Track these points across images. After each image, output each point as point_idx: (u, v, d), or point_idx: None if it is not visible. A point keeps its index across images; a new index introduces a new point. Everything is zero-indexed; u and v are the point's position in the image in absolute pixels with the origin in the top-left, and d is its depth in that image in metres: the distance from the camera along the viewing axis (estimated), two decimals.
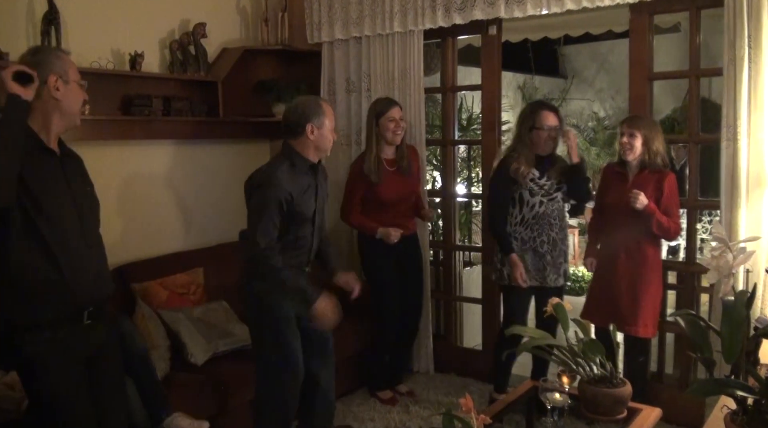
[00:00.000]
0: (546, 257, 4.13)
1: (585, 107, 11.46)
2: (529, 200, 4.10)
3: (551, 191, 4.13)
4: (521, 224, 4.15)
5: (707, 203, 4.44)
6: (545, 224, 4.13)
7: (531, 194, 4.10)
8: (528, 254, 4.13)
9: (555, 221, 4.14)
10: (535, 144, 4.08)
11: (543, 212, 4.12)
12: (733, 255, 2.44)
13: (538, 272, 4.14)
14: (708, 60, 4.32)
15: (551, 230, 4.13)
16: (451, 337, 5.22)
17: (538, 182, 4.11)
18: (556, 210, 4.16)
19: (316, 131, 3.39)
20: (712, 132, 3.94)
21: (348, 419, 4.30)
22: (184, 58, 4.62)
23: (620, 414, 3.01)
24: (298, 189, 3.36)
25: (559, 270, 4.15)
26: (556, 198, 4.15)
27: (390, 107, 4.34)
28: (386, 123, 4.31)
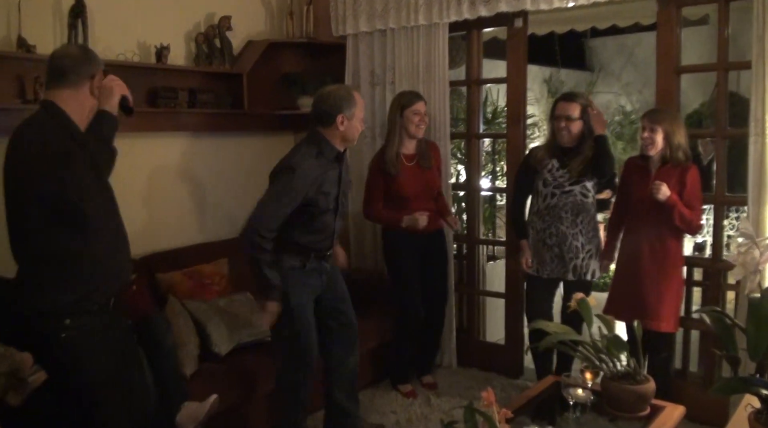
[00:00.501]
0: (553, 250, 4.13)
1: (611, 100, 11.35)
2: (541, 190, 4.16)
3: (564, 183, 4.11)
4: (537, 213, 4.22)
5: (734, 199, 4.37)
6: (555, 216, 4.12)
7: (544, 184, 4.14)
8: (539, 243, 4.19)
9: (566, 215, 4.11)
10: (555, 134, 4.14)
11: (554, 204, 4.11)
12: (760, 251, 2.41)
13: (544, 264, 4.18)
14: (737, 53, 4.26)
15: (561, 223, 4.11)
16: (474, 331, 5.21)
17: (554, 174, 4.12)
18: (570, 204, 4.11)
19: (347, 122, 3.44)
20: (740, 127, 3.89)
21: (370, 411, 4.31)
22: (209, 51, 4.64)
23: (643, 411, 3.00)
24: (323, 177, 3.43)
25: (567, 266, 4.12)
26: (571, 192, 4.11)
27: (415, 100, 4.33)
28: (411, 116, 4.31)
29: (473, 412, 2.26)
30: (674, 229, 3.83)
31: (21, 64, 3.66)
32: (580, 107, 4.07)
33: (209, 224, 4.86)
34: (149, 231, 4.40)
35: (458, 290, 5.11)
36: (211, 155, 4.87)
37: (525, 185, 4.28)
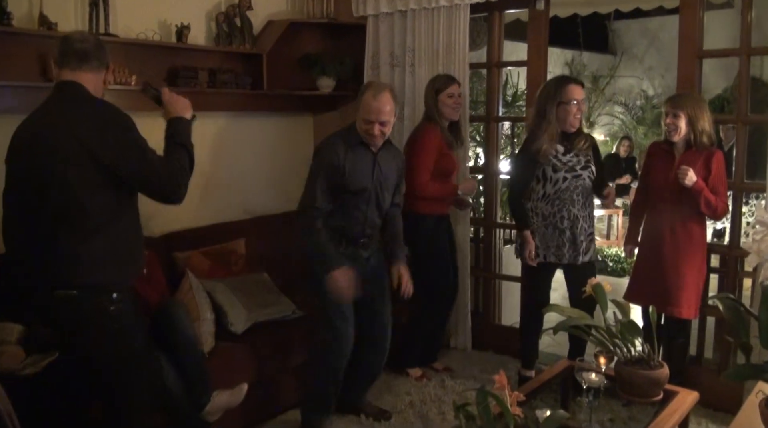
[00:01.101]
0: (566, 234, 4.08)
1: (634, 84, 11.29)
2: (552, 175, 4.04)
3: (576, 167, 4.07)
4: (542, 199, 4.10)
5: (754, 185, 4.34)
6: (567, 199, 4.06)
7: (554, 169, 4.04)
8: (548, 229, 4.10)
9: (578, 198, 4.08)
10: (561, 120, 4.00)
11: (566, 188, 4.05)
12: None
13: (557, 249, 4.10)
14: (762, 37, 4.22)
15: (573, 206, 4.07)
16: (489, 315, 5.23)
17: (561, 159, 4.05)
18: (580, 187, 4.08)
19: (357, 115, 3.59)
20: (764, 113, 3.86)
21: (384, 392, 4.34)
22: (229, 31, 4.64)
23: (656, 397, 3.00)
24: (351, 161, 3.55)
25: (578, 248, 4.09)
26: (581, 175, 4.07)
27: (449, 83, 4.33)
28: (445, 99, 4.30)
29: (486, 395, 2.27)
30: (697, 214, 3.81)
31: (43, 42, 3.67)
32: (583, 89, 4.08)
33: (227, 204, 4.88)
34: (167, 210, 4.38)
35: (474, 274, 5.12)
36: (230, 135, 4.89)
37: (529, 175, 4.14)
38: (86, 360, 2.77)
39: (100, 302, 2.69)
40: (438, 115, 4.32)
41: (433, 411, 4.12)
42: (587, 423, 2.89)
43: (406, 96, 4.91)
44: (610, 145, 10.50)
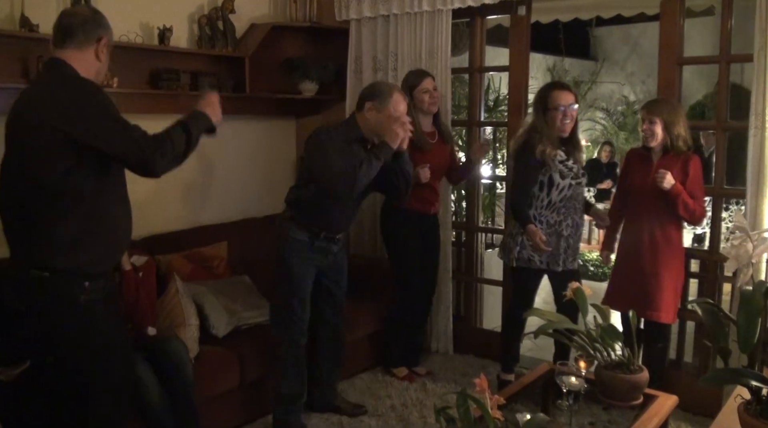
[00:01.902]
0: (569, 240, 4.07)
1: (615, 90, 11.37)
2: (560, 182, 3.97)
3: (579, 174, 4.07)
4: (548, 207, 4.03)
5: (733, 191, 4.39)
6: (571, 207, 4.05)
7: (562, 176, 3.98)
8: (552, 237, 4.03)
9: (579, 205, 4.10)
10: (551, 125, 3.95)
11: (571, 195, 4.03)
12: (754, 245, 2.42)
13: (553, 256, 4.04)
14: (742, 44, 4.25)
15: (575, 213, 4.08)
16: (471, 318, 5.24)
17: (567, 164, 4.01)
18: (580, 194, 4.11)
19: (374, 113, 3.60)
20: (742, 119, 3.89)
21: (365, 396, 4.34)
22: (212, 34, 4.64)
23: (636, 400, 3.01)
24: (344, 155, 3.54)
25: (575, 254, 4.13)
26: (582, 183, 4.10)
27: (422, 78, 4.34)
28: (420, 95, 4.31)
29: (466, 398, 2.28)
30: (675, 219, 3.84)
31: (24, 44, 3.67)
32: (574, 94, 4.07)
33: (209, 207, 4.88)
34: (149, 213, 4.41)
35: (456, 278, 5.13)
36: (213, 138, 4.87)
37: (532, 181, 4.01)
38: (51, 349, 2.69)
39: (71, 289, 2.60)
40: (414, 111, 4.28)
41: (414, 414, 4.12)
42: (567, 426, 2.91)
43: None
44: (592, 150, 10.57)
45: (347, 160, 3.49)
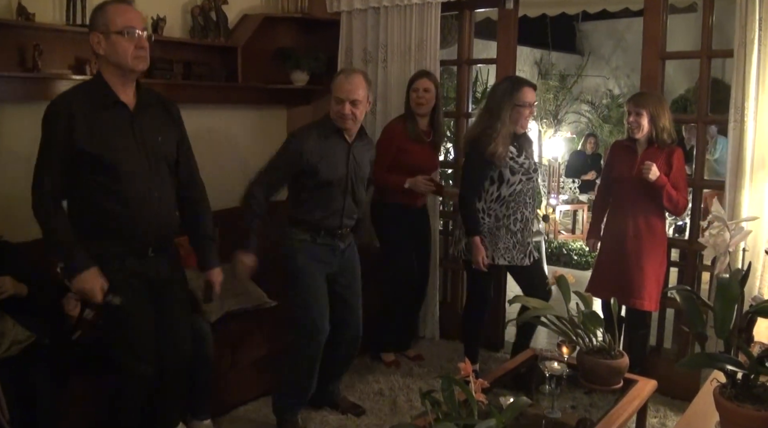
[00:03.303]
0: (517, 235, 4.07)
1: (600, 84, 11.46)
2: (509, 178, 4.00)
3: (530, 170, 4.07)
4: (497, 201, 4.05)
5: (713, 183, 4.50)
6: (521, 202, 4.06)
7: (512, 172, 4.00)
8: (500, 231, 4.06)
9: (529, 200, 4.11)
10: (514, 122, 3.97)
11: (520, 191, 4.04)
12: (731, 234, 2.51)
13: (506, 251, 4.07)
14: (723, 40, 4.35)
15: (525, 208, 4.08)
16: (456, 305, 5.32)
17: (517, 160, 4.02)
18: (531, 189, 4.12)
19: (332, 101, 3.58)
20: (724, 113, 3.99)
21: (354, 380, 4.42)
22: (205, 24, 4.69)
23: (617, 385, 3.10)
24: (321, 150, 3.54)
25: (526, 250, 4.10)
26: (532, 178, 4.11)
27: (418, 77, 4.41)
28: (411, 92, 4.41)
29: (451, 382, 2.34)
30: (658, 209, 3.94)
31: (21, 33, 3.71)
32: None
33: None
34: None
35: (442, 266, 5.22)
36: (205, 128, 4.93)
37: (481, 180, 4.04)
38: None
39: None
40: (407, 108, 4.42)
41: (401, 398, 4.21)
42: (550, 409, 2.99)
43: (379, 91, 4.99)
44: (577, 142, 10.66)
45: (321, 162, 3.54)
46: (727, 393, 2.16)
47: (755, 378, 2.11)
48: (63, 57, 3.96)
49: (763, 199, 3.78)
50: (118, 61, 2.80)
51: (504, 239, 4.07)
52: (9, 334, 2.98)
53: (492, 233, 4.08)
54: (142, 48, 2.82)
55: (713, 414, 2.19)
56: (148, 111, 2.98)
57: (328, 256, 3.68)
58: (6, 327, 2.99)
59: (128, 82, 2.89)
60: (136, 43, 2.80)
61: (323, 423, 3.92)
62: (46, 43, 3.79)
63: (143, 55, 2.84)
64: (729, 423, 2.06)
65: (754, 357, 2.11)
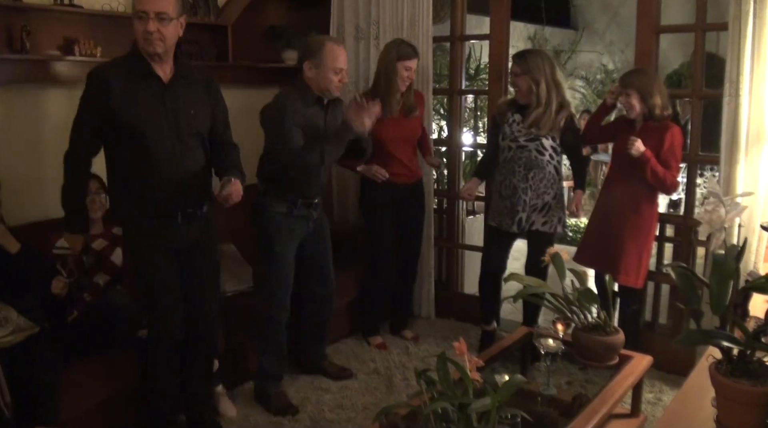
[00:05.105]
0: (506, 202, 4.24)
1: (594, 59, 11.41)
2: (500, 143, 4.27)
3: (520, 138, 4.18)
4: (498, 166, 4.32)
5: (707, 158, 4.48)
6: (509, 170, 4.22)
7: (503, 137, 4.26)
8: (495, 195, 4.35)
9: (519, 169, 4.19)
10: (514, 90, 4.27)
11: (510, 158, 4.22)
12: (726, 210, 2.50)
13: (497, 214, 4.31)
14: (718, 13, 4.32)
15: (513, 176, 4.20)
16: (452, 283, 5.34)
17: (513, 128, 4.22)
18: (524, 158, 4.18)
19: (314, 70, 3.59)
20: (718, 88, 3.97)
21: (350, 359, 4.44)
22: (194, 2, 4.64)
23: (612, 361, 3.10)
24: (303, 121, 3.59)
25: (513, 217, 4.22)
26: (526, 147, 4.17)
27: (412, 56, 4.31)
28: (402, 71, 4.27)
29: (446, 361, 2.34)
30: (649, 186, 3.92)
31: (8, 14, 3.67)
32: (525, 65, 4.11)
33: None
34: None
35: (437, 244, 5.21)
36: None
37: (493, 139, 4.39)
38: None
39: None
40: (387, 81, 4.30)
41: (397, 376, 4.23)
42: (545, 386, 3.00)
43: (371, 68, 4.94)
44: None
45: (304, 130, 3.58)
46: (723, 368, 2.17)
47: (751, 354, 2.11)
48: (51, 37, 3.91)
49: (758, 173, 3.76)
50: (136, 40, 2.99)
51: (497, 203, 4.31)
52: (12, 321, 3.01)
53: (493, 196, 4.40)
54: (148, 32, 2.92)
55: (709, 390, 2.19)
56: (183, 84, 3.11)
57: (302, 226, 3.80)
58: (10, 314, 3.03)
59: (155, 59, 3.02)
60: (144, 26, 2.92)
61: (319, 402, 3.94)
62: (34, 24, 3.76)
63: (149, 38, 2.94)
64: (725, 399, 2.06)
65: (750, 333, 2.11)
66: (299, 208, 3.73)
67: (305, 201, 3.75)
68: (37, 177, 3.96)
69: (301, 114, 3.59)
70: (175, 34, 3.00)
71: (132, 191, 3.11)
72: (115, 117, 2.96)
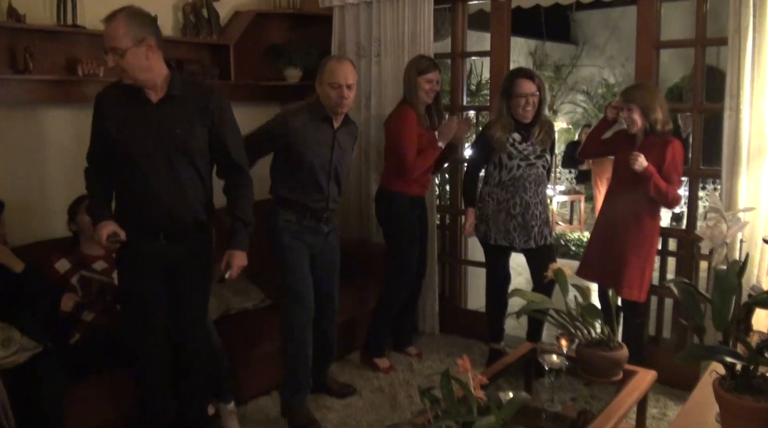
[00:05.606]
0: (517, 219, 4.25)
1: (595, 73, 11.43)
2: (507, 163, 4.23)
3: (530, 156, 4.24)
4: (498, 185, 4.29)
5: (709, 171, 4.49)
6: (520, 187, 4.25)
7: (509, 157, 4.23)
8: (501, 214, 4.28)
9: (530, 185, 4.26)
10: (514, 111, 4.20)
11: (519, 176, 4.24)
12: (727, 225, 2.50)
13: (507, 233, 4.29)
14: (718, 28, 4.34)
15: (525, 193, 4.25)
16: (456, 299, 5.33)
17: (518, 147, 4.22)
18: (533, 175, 4.26)
19: (319, 88, 3.73)
20: (718, 101, 3.98)
21: (354, 377, 4.43)
22: (196, 21, 4.67)
23: (616, 376, 3.10)
24: (307, 133, 3.68)
25: (529, 233, 4.26)
26: (535, 164, 4.26)
27: (431, 68, 4.37)
28: (423, 83, 4.33)
29: (449, 379, 2.33)
30: (650, 199, 3.92)
31: (11, 34, 3.70)
32: (537, 82, 4.21)
33: None
34: None
35: (441, 260, 5.21)
36: None
37: (480, 161, 4.40)
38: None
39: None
40: (415, 96, 4.35)
41: (401, 394, 4.22)
42: (550, 402, 2.99)
43: (372, 86, 4.98)
44: (573, 132, 10.66)
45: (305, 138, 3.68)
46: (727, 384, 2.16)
47: (754, 369, 2.11)
48: (55, 58, 3.94)
49: (759, 187, 3.77)
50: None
51: (505, 222, 4.27)
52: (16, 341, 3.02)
53: (494, 216, 4.31)
54: (110, 66, 3.03)
55: (713, 406, 2.18)
56: (173, 103, 3.08)
57: (311, 237, 3.80)
58: (14, 335, 3.04)
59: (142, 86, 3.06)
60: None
61: (323, 420, 3.91)
62: (37, 44, 3.79)
63: (115, 70, 3.04)
64: (729, 415, 2.06)
65: (753, 348, 2.11)
66: (308, 220, 3.77)
67: (313, 214, 3.78)
68: (40, 197, 3.98)
69: (302, 130, 3.67)
70: (136, 63, 2.94)
71: (120, 209, 3.16)
72: (108, 136, 3.04)
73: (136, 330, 3.22)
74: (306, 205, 3.74)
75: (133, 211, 3.12)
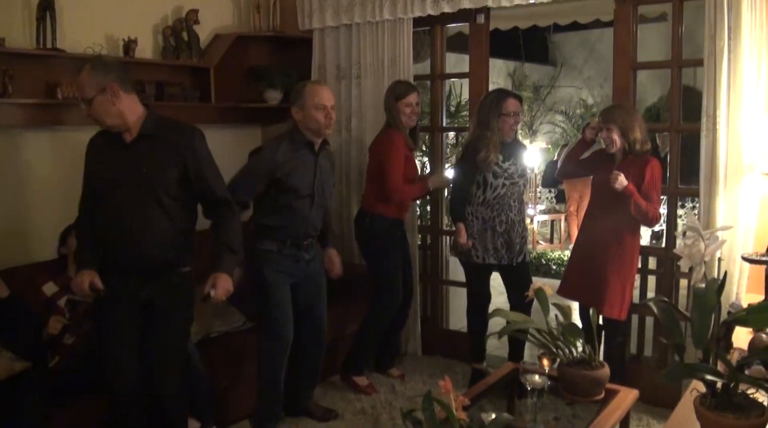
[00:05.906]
0: (504, 236, 4.31)
1: (573, 94, 11.53)
2: (492, 182, 4.27)
3: (514, 175, 4.31)
4: (482, 204, 4.31)
5: (687, 190, 4.54)
6: (505, 205, 4.31)
7: (494, 176, 4.27)
8: (487, 232, 4.31)
9: (514, 203, 4.35)
10: (501, 130, 4.24)
11: (503, 194, 4.30)
12: (705, 244, 2.53)
13: (495, 251, 4.32)
14: (694, 48, 4.40)
15: (510, 211, 4.32)
16: (438, 320, 5.32)
17: (501, 166, 4.27)
18: (516, 193, 4.36)
19: (300, 112, 3.72)
20: (695, 121, 4.03)
21: (336, 399, 4.40)
22: (177, 44, 4.67)
23: (598, 395, 3.10)
24: (292, 163, 3.68)
25: (513, 250, 4.33)
26: (517, 183, 4.36)
27: (409, 91, 4.41)
28: (403, 107, 4.38)
29: (431, 400, 2.33)
30: (630, 218, 3.94)
31: None
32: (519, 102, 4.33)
33: None
34: None
35: (422, 281, 5.20)
36: None
37: (469, 182, 4.33)
38: None
39: None
40: (399, 122, 4.39)
41: (384, 416, 4.19)
42: (532, 423, 2.99)
43: (353, 107, 5.00)
44: (552, 152, 10.72)
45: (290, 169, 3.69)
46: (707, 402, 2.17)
47: (735, 387, 2.12)
48: (34, 81, 3.93)
49: (737, 205, 3.80)
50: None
51: (492, 240, 4.31)
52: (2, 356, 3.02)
53: (480, 235, 4.33)
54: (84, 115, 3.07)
55: (695, 424, 2.19)
56: (145, 143, 3.07)
57: (292, 267, 3.80)
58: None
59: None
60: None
61: None
62: (17, 68, 3.77)
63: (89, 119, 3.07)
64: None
65: (733, 366, 2.12)
66: (288, 248, 3.76)
67: (294, 241, 3.77)
68: (21, 220, 3.95)
69: (289, 155, 3.69)
70: (103, 110, 2.97)
71: (101, 249, 3.15)
72: (89, 180, 3.17)
73: (106, 367, 3.20)
74: (287, 231, 3.74)
75: (108, 250, 3.12)
